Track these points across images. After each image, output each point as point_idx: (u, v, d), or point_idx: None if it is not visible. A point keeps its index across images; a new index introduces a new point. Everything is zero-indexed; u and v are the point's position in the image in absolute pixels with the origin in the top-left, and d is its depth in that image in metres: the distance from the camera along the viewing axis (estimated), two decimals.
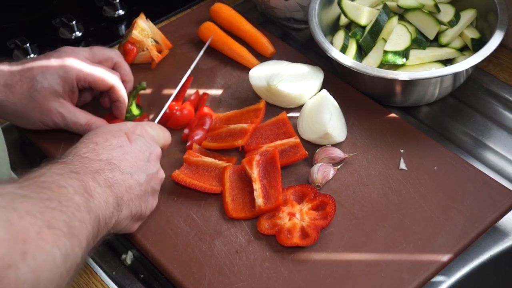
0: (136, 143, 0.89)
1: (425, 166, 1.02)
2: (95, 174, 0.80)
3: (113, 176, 0.82)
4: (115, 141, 0.86)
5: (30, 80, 1.01)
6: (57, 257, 0.65)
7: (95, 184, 0.78)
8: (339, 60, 1.09)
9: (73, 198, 0.73)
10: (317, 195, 0.97)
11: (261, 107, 1.11)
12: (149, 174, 0.88)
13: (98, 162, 0.82)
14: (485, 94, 1.18)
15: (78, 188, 0.74)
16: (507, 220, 0.98)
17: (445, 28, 1.16)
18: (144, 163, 0.88)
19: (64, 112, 1.03)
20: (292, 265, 0.91)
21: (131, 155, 0.87)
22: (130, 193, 0.84)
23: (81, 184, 0.76)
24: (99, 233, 0.77)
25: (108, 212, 0.79)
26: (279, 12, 1.30)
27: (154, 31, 1.22)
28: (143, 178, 0.87)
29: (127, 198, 0.84)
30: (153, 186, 0.90)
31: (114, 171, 0.83)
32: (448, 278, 0.93)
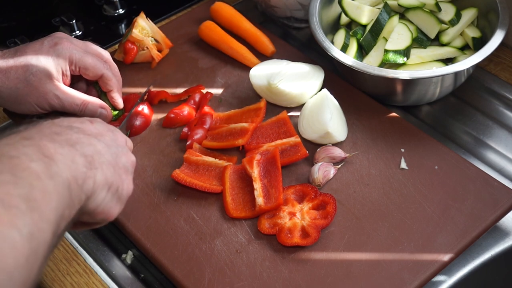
0: (98, 124, 0.81)
1: (426, 166, 1.01)
2: (54, 136, 0.71)
3: (77, 138, 0.74)
4: (74, 118, 0.79)
5: (25, 64, 1.02)
6: (16, 239, 0.58)
7: (55, 145, 0.69)
8: (340, 59, 1.09)
9: (29, 166, 0.64)
10: (318, 195, 0.96)
11: (261, 106, 1.11)
12: (118, 148, 0.81)
13: (58, 127, 0.74)
14: (486, 93, 1.17)
15: (33, 155, 0.66)
16: (508, 220, 0.98)
17: (446, 27, 1.15)
18: (110, 137, 0.81)
19: (60, 94, 1.03)
20: (292, 265, 0.90)
21: (94, 130, 0.79)
22: (100, 156, 0.75)
23: (37, 149, 0.67)
24: (74, 200, 0.68)
25: (79, 172, 0.70)
26: (280, 11, 1.29)
27: (154, 30, 1.22)
28: (112, 149, 0.79)
29: (99, 161, 0.74)
30: (124, 164, 0.81)
31: (78, 133, 0.75)
32: (449, 278, 0.93)
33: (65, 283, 0.94)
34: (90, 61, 1.05)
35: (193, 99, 1.14)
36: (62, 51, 1.03)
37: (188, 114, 1.11)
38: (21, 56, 1.02)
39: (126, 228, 0.96)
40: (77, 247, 0.98)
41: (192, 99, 1.14)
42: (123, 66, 1.20)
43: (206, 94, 1.15)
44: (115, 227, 0.99)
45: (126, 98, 1.12)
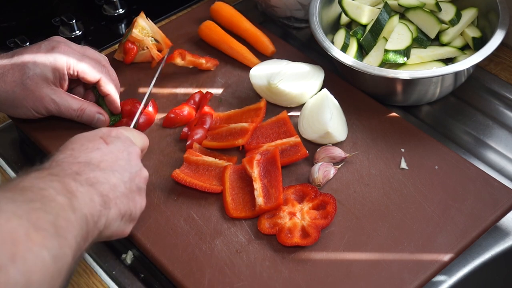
0: (113, 144, 0.86)
1: (426, 166, 1.01)
2: (75, 175, 0.77)
3: (94, 176, 0.79)
4: (91, 144, 0.84)
5: (22, 68, 1.01)
6: (46, 258, 0.64)
7: (76, 184, 0.76)
8: (340, 59, 1.09)
9: (56, 198, 0.71)
10: (318, 195, 0.96)
11: (261, 106, 1.10)
12: (132, 172, 0.85)
13: (77, 164, 0.80)
14: (486, 93, 1.17)
15: (59, 189, 0.73)
16: (508, 220, 0.98)
17: (446, 27, 1.15)
18: (125, 162, 0.85)
19: (57, 98, 1.03)
20: (292, 265, 0.90)
21: (110, 155, 0.84)
22: (115, 191, 0.81)
23: (62, 185, 0.74)
24: (89, 233, 0.75)
25: (95, 210, 0.77)
26: (280, 11, 1.29)
27: (154, 30, 1.22)
28: (126, 176, 0.84)
29: (113, 196, 0.81)
30: (138, 185, 0.86)
31: (95, 171, 0.80)
32: (449, 278, 0.93)
33: None
34: (87, 65, 1.05)
35: (193, 99, 1.14)
36: (60, 55, 1.03)
37: (188, 114, 1.11)
38: (18, 60, 1.02)
39: None
40: None
41: (192, 99, 1.14)
42: (123, 66, 1.20)
43: (206, 94, 1.15)
44: None
45: (123, 102, 1.11)
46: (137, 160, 0.88)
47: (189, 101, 1.13)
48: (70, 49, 1.05)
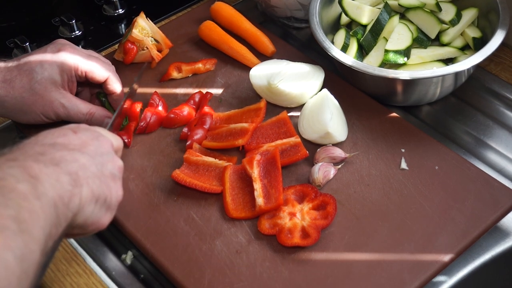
0: (81, 133, 0.80)
1: (426, 166, 1.01)
2: (38, 156, 0.71)
3: (61, 155, 0.73)
4: (57, 132, 0.78)
5: (30, 73, 1.01)
6: (10, 261, 0.58)
7: (39, 166, 0.69)
8: (340, 59, 1.08)
9: (16, 187, 0.64)
10: (318, 195, 0.96)
11: (261, 106, 1.10)
12: (103, 157, 0.79)
13: (41, 146, 0.73)
14: (487, 93, 1.17)
15: (19, 176, 0.66)
16: (508, 220, 0.98)
17: (447, 27, 1.15)
18: (94, 147, 0.79)
19: (66, 102, 1.03)
20: (292, 265, 0.90)
21: (78, 141, 0.78)
22: (85, 170, 0.74)
23: (22, 170, 0.67)
24: (60, 218, 0.68)
25: (64, 190, 0.70)
26: (280, 11, 1.29)
27: (154, 30, 1.21)
28: (97, 159, 0.78)
29: (84, 175, 0.74)
30: (111, 171, 0.80)
31: (61, 151, 0.74)
32: (450, 278, 0.93)
33: (65, 283, 0.94)
34: (96, 63, 1.05)
35: (193, 99, 1.14)
36: (67, 57, 1.03)
37: (188, 114, 1.10)
38: (25, 65, 1.02)
39: (126, 229, 0.96)
40: (76, 248, 0.98)
41: (192, 99, 1.14)
42: (123, 66, 1.20)
43: (206, 94, 1.15)
44: (114, 227, 0.98)
45: (128, 107, 1.11)
46: (109, 149, 0.82)
47: (189, 101, 1.13)
48: (76, 50, 1.05)
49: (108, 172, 0.79)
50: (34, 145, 0.73)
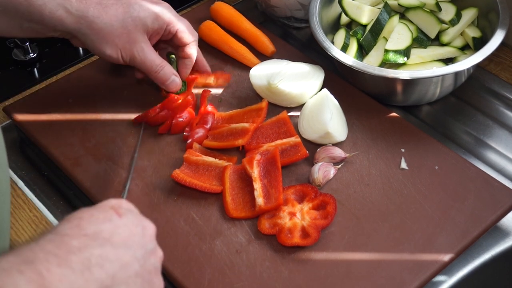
0: (126, 217, 0.73)
1: (426, 166, 1.01)
2: (70, 255, 0.63)
3: (101, 253, 0.65)
4: (102, 215, 0.70)
5: (127, 6, 1.02)
6: None
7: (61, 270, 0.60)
8: (340, 59, 1.08)
9: None
10: (318, 195, 0.96)
11: (263, 106, 1.10)
12: (147, 250, 0.72)
13: (82, 237, 0.65)
14: (487, 93, 1.17)
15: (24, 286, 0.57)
16: (508, 220, 0.98)
17: (446, 27, 1.15)
18: (139, 238, 0.72)
19: (145, 48, 1.04)
20: (292, 265, 0.90)
21: (123, 228, 0.70)
22: (127, 270, 0.68)
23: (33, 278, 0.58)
24: None
25: None
26: (280, 11, 1.29)
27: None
28: (140, 253, 0.71)
29: (123, 277, 0.67)
30: (154, 264, 0.73)
31: (104, 246, 0.66)
32: (449, 278, 0.93)
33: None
34: (186, 26, 1.09)
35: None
36: (164, 10, 1.06)
37: (189, 116, 1.10)
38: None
39: None
40: None
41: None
42: (123, 66, 1.20)
43: (204, 92, 1.14)
44: None
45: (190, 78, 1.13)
46: (152, 238, 0.75)
47: None
48: (171, 9, 1.08)
49: (151, 267, 0.73)
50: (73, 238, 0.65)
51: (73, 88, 1.18)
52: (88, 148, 1.07)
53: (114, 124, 1.11)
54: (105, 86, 1.18)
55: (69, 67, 1.27)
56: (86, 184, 1.02)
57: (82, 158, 1.06)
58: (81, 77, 1.20)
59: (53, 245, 0.63)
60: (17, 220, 1.02)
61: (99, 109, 1.14)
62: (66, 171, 1.05)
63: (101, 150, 1.07)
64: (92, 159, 1.05)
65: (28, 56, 1.27)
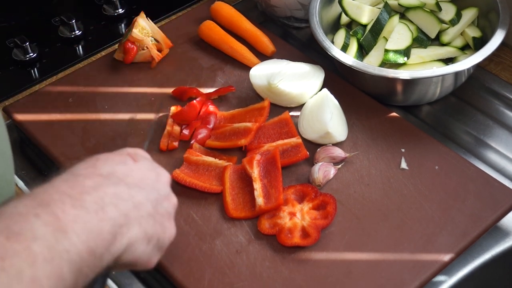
0: (141, 162, 0.75)
1: (426, 166, 1.01)
2: (84, 195, 0.63)
3: (115, 192, 0.67)
4: (117, 158, 0.73)
5: None
6: None
7: (76, 211, 0.61)
8: (340, 59, 1.08)
9: (28, 247, 0.55)
10: (318, 195, 0.96)
11: (265, 105, 1.10)
12: (160, 194, 0.74)
13: (97, 177, 0.67)
14: (487, 93, 1.17)
15: (40, 229, 0.58)
16: (508, 220, 0.98)
17: (447, 27, 1.15)
18: (153, 181, 0.74)
19: None
20: (292, 265, 0.90)
21: (137, 171, 0.72)
22: (140, 210, 0.69)
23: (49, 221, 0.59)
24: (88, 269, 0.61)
25: (100, 240, 0.62)
26: (280, 11, 1.29)
27: (154, 30, 1.21)
28: (153, 196, 0.72)
29: (136, 216, 0.68)
30: (166, 209, 0.75)
31: (118, 185, 0.68)
32: (449, 278, 0.92)
33: None
34: None
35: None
36: None
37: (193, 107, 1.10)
38: None
39: None
40: None
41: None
42: (123, 66, 1.20)
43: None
44: None
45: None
46: (166, 184, 0.77)
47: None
48: None
49: (163, 211, 0.74)
50: (87, 178, 0.66)
51: (73, 88, 1.18)
52: (88, 148, 1.07)
53: (114, 124, 1.11)
54: (105, 86, 1.18)
55: (69, 67, 1.27)
56: None
57: (82, 158, 1.05)
58: (81, 77, 1.20)
59: (68, 186, 0.64)
60: None
61: (99, 109, 1.14)
62: None
63: (101, 150, 1.06)
64: None
65: (28, 56, 1.27)
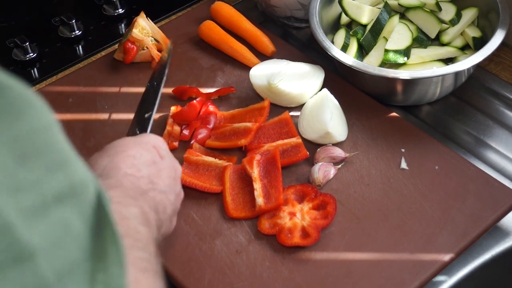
0: (165, 159, 0.82)
1: (426, 166, 1.01)
2: (146, 196, 0.74)
3: (154, 197, 0.75)
4: (149, 156, 0.79)
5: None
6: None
7: (149, 210, 0.72)
8: (340, 59, 1.08)
9: (140, 230, 0.66)
10: (318, 195, 0.96)
11: (265, 105, 1.10)
12: (177, 193, 0.83)
13: (142, 180, 0.76)
14: (487, 93, 1.17)
15: (139, 218, 0.68)
16: (508, 220, 0.98)
17: (447, 27, 1.15)
18: (174, 181, 0.82)
19: None
20: (292, 265, 0.90)
21: (164, 172, 0.80)
22: (165, 214, 0.77)
23: (140, 211, 0.70)
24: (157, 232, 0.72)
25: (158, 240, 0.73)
26: (280, 11, 1.29)
27: (154, 30, 1.21)
28: (173, 197, 0.81)
29: (164, 218, 0.77)
30: (177, 206, 0.83)
31: (155, 190, 0.76)
32: (449, 278, 0.92)
33: None
34: None
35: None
36: None
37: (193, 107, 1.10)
38: None
39: None
40: None
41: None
42: (123, 66, 1.20)
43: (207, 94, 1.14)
44: None
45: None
46: (180, 179, 0.85)
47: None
48: None
49: (176, 208, 0.82)
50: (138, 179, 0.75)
51: (73, 88, 1.18)
52: (88, 148, 1.07)
53: (114, 124, 1.11)
54: (105, 86, 1.18)
55: (69, 67, 1.27)
56: None
57: (82, 158, 1.06)
58: (81, 77, 1.20)
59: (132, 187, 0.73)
60: None
61: (99, 109, 1.14)
62: None
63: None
64: None
65: (28, 56, 1.27)
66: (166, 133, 1.08)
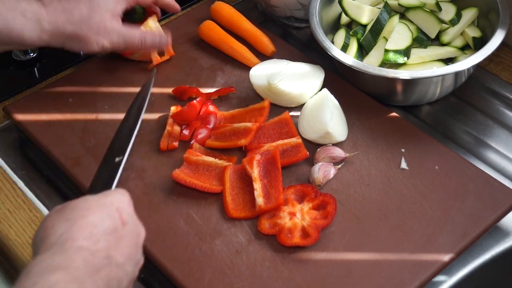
0: (128, 225, 0.77)
1: (426, 166, 1.01)
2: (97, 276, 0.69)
3: (108, 274, 0.71)
4: (110, 222, 0.74)
5: (88, 2, 1.07)
6: None
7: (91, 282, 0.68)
8: (340, 59, 1.08)
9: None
10: (318, 195, 0.96)
11: (265, 105, 1.10)
12: (136, 262, 0.77)
13: (98, 254, 0.71)
14: (487, 93, 1.17)
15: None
16: (508, 220, 0.98)
17: (447, 27, 1.15)
18: (135, 249, 0.77)
19: (121, 31, 1.10)
20: (292, 265, 0.90)
21: (124, 240, 0.75)
22: (120, 285, 0.73)
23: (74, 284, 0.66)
24: None
25: None
26: (280, 11, 1.29)
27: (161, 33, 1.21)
28: (131, 269, 0.75)
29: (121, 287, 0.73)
30: (135, 275, 0.78)
31: (111, 265, 0.72)
32: (449, 278, 0.93)
33: None
34: None
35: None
36: None
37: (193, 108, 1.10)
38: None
39: None
40: None
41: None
42: (123, 66, 1.20)
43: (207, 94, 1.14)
44: None
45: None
46: (141, 245, 0.79)
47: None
48: None
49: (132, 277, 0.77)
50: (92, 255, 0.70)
51: (73, 88, 1.18)
52: (88, 148, 1.07)
53: (114, 124, 1.11)
54: (105, 86, 1.18)
55: (69, 67, 1.27)
56: (86, 184, 1.02)
57: (82, 158, 1.06)
58: (81, 77, 1.20)
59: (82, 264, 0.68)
60: (17, 220, 1.02)
61: (99, 109, 1.14)
62: (66, 171, 1.05)
63: (101, 150, 1.06)
64: (92, 159, 1.05)
65: (28, 56, 1.27)
66: (166, 133, 1.08)
